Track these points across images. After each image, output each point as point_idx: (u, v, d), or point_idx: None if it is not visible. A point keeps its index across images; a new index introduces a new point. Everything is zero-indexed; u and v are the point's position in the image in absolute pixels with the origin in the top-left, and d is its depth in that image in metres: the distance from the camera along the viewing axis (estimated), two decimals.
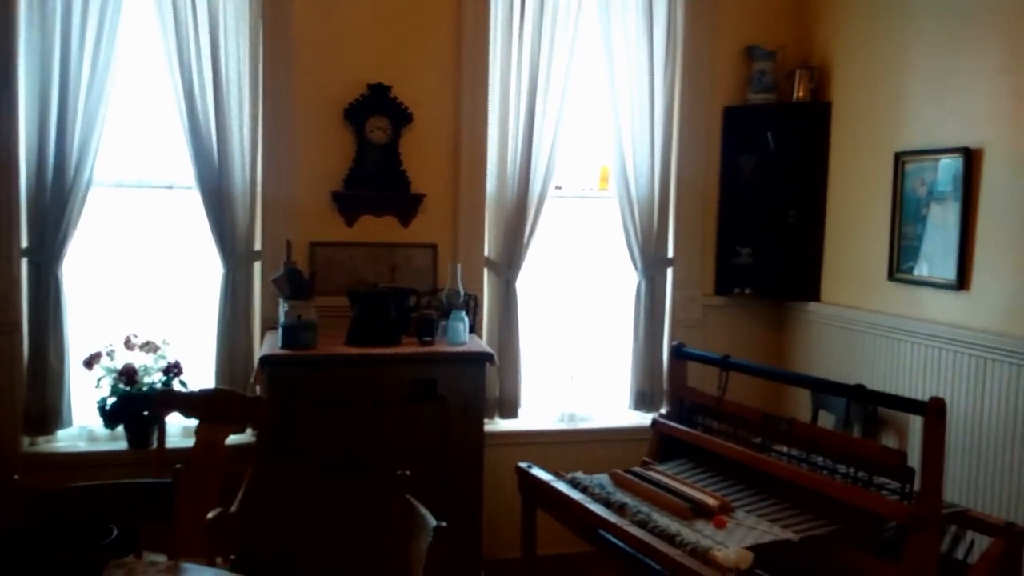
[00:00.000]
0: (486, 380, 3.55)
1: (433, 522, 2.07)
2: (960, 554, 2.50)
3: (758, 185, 4.26)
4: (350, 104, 3.81)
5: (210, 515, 2.77)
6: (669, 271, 4.26)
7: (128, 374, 3.61)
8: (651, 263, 4.16)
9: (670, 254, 4.25)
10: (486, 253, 4.03)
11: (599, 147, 4.23)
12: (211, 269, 3.75)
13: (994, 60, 3.17)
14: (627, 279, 4.22)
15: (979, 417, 3.17)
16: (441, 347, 3.50)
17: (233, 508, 2.94)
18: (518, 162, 3.95)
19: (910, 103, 3.59)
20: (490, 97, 3.95)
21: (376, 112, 3.82)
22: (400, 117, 3.85)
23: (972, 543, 2.51)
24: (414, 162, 3.90)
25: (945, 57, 3.40)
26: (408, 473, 2.27)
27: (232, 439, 3.24)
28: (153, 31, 3.59)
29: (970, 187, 3.25)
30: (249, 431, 3.56)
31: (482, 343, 3.78)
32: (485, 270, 4.04)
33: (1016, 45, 3.08)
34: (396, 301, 3.58)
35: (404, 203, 3.91)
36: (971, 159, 3.24)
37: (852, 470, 2.59)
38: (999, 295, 3.14)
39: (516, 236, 3.98)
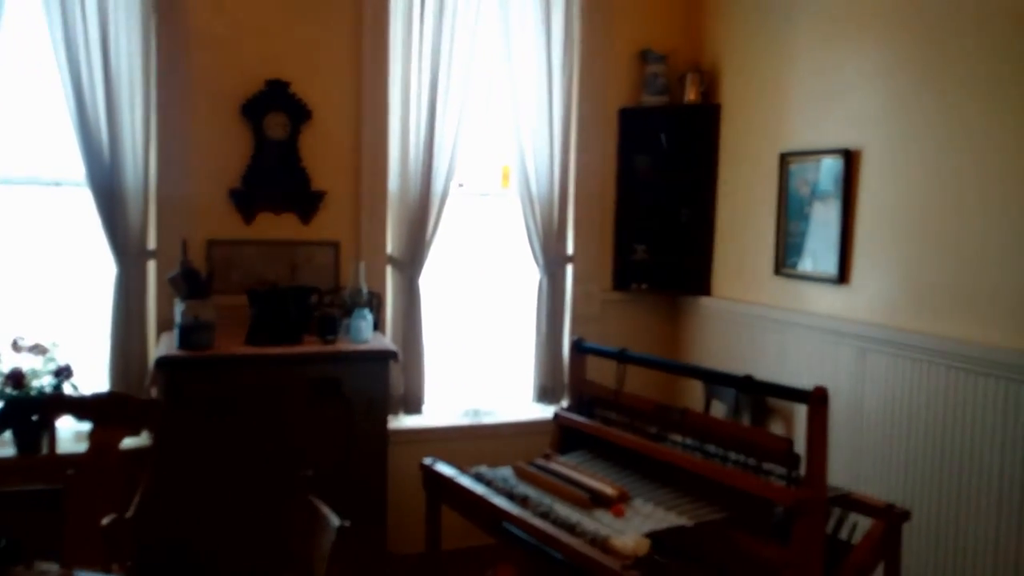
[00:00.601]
0: (390, 378, 3.56)
1: (336, 522, 2.08)
2: (844, 535, 2.64)
3: (652, 184, 4.40)
4: (247, 100, 3.75)
5: (105, 521, 2.69)
6: (569, 267, 4.35)
7: (15, 378, 3.46)
8: (552, 260, 4.24)
9: (570, 251, 4.34)
10: (389, 251, 4.03)
11: (501, 146, 4.28)
12: (103, 269, 3.63)
13: (871, 65, 3.36)
14: (529, 276, 4.29)
15: (860, 404, 3.37)
16: (344, 345, 3.49)
17: (129, 514, 2.87)
18: (420, 159, 3.97)
19: (794, 106, 3.77)
20: (391, 94, 3.95)
21: (274, 108, 3.77)
22: (299, 113, 3.81)
23: (855, 524, 2.65)
24: (314, 159, 3.87)
25: (826, 62, 3.59)
26: (311, 473, 2.27)
27: (128, 443, 3.15)
28: (40, 23, 3.44)
29: (850, 186, 3.44)
30: (145, 435, 3.47)
31: (386, 341, 3.78)
32: (388, 268, 4.04)
33: (890, 51, 3.28)
34: (297, 300, 3.55)
35: (304, 200, 3.87)
36: (850, 160, 3.43)
37: (742, 457, 2.71)
38: (877, 288, 3.33)
39: (419, 233, 3.99)
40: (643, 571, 2.29)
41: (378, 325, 3.86)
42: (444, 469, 3.02)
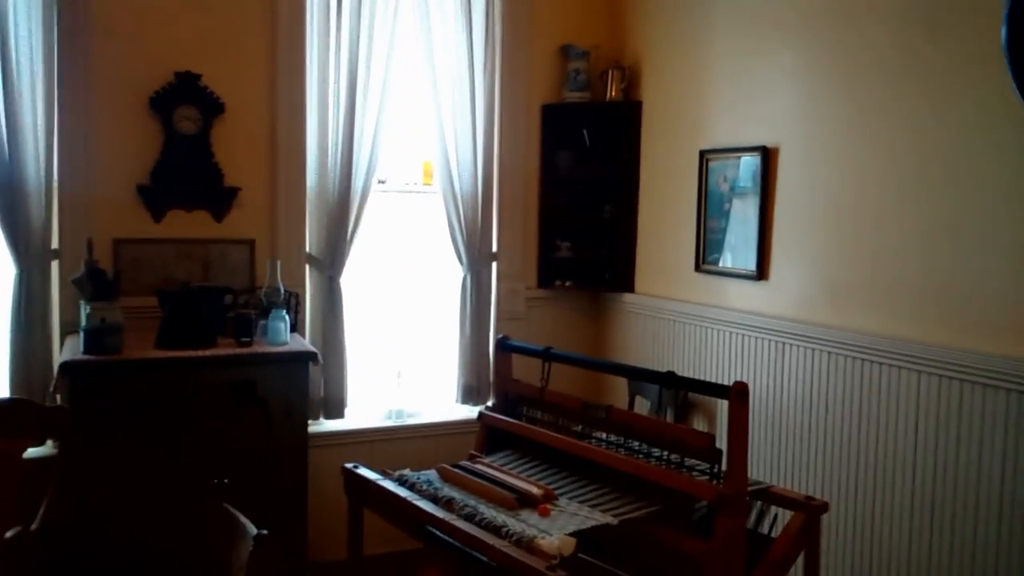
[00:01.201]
0: (309, 380, 3.46)
1: (254, 530, 2.00)
2: (765, 528, 2.68)
3: (576, 181, 4.40)
4: (156, 92, 3.60)
5: (8, 534, 2.56)
6: (494, 265, 4.32)
7: None
8: (476, 257, 4.20)
9: (494, 248, 4.30)
10: (308, 249, 3.93)
11: (422, 142, 4.22)
12: (2, 270, 3.44)
13: (786, 65, 3.42)
14: (453, 273, 4.24)
15: (778, 397, 3.42)
16: (260, 347, 3.38)
17: (34, 526, 2.73)
18: (339, 155, 3.88)
19: (713, 104, 3.81)
20: (308, 88, 3.85)
21: (185, 101, 3.64)
22: (211, 107, 3.68)
23: (776, 517, 2.69)
24: (228, 154, 3.74)
25: (743, 61, 3.64)
26: (227, 481, 2.18)
27: (31, 452, 2.99)
28: None
29: (767, 183, 3.50)
30: (50, 443, 3.30)
31: (305, 342, 3.69)
32: (307, 266, 3.93)
33: (804, 51, 3.34)
34: (210, 300, 3.42)
35: (217, 197, 3.74)
36: (768, 157, 3.49)
37: (666, 453, 2.72)
38: (794, 284, 3.39)
39: (339, 231, 3.90)
40: (569, 571, 2.27)
41: (296, 326, 3.76)
42: (366, 473, 2.96)
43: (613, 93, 4.29)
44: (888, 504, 2.98)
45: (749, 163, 3.58)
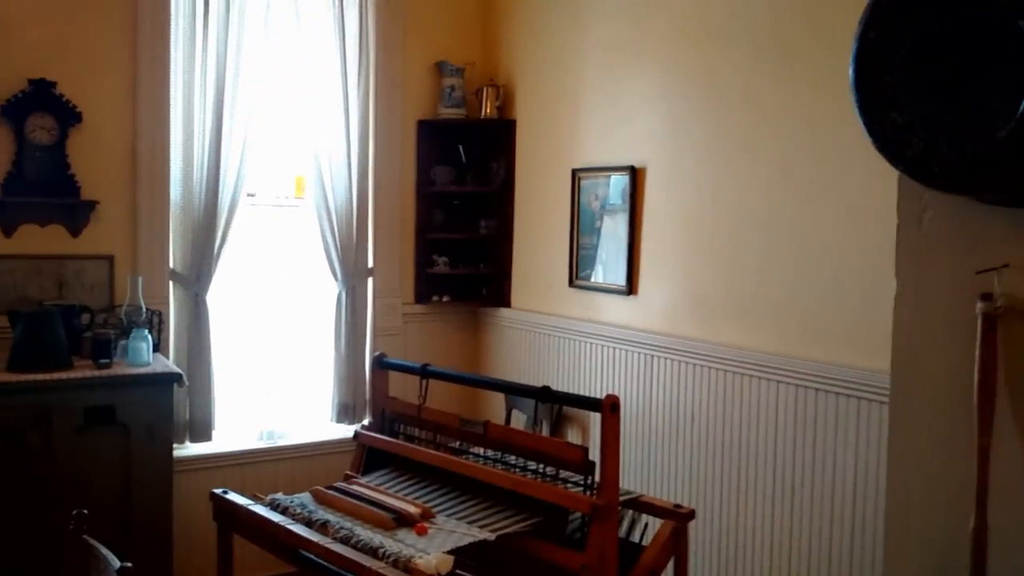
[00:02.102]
0: (174, 402, 3.33)
1: (116, 563, 1.90)
2: (637, 536, 2.76)
3: (453, 196, 4.42)
4: (8, 100, 3.40)
5: None
6: (370, 280, 4.27)
7: None
8: (351, 273, 4.15)
9: (370, 264, 4.26)
10: (171, 265, 3.78)
11: (294, 155, 4.14)
12: None
13: (652, 88, 3.55)
14: (327, 289, 4.17)
15: (648, 409, 3.53)
16: (120, 369, 3.23)
17: None
18: (206, 167, 3.75)
19: (584, 124, 3.91)
20: (172, 97, 3.71)
21: (39, 109, 3.44)
22: (67, 116, 3.50)
23: (646, 525, 2.77)
24: (85, 166, 3.56)
25: (613, 84, 3.75)
26: (85, 512, 2.07)
27: None
28: None
29: (635, 202, 3.61)
30: None
31: (168, 363, 3.54)
32: (171, 283, 3.78)
33: (668, 75, 3.47)
34: (66, 320, 3.24)
35: (73, 210, 3.55)
36: (636, 176, 3.60)
37: (542, 467, 2.76)
38: (661, 298, 3.52)
39: (205, 246, 3.78)
40: None
41: (160, 346, 3.61)
42: (236, 498, 2.86)
43: (488, 110, 4.34)
44: (751, 508, 3.11)
45: (619, 182, 3.69)
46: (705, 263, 3.31)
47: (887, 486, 1.33)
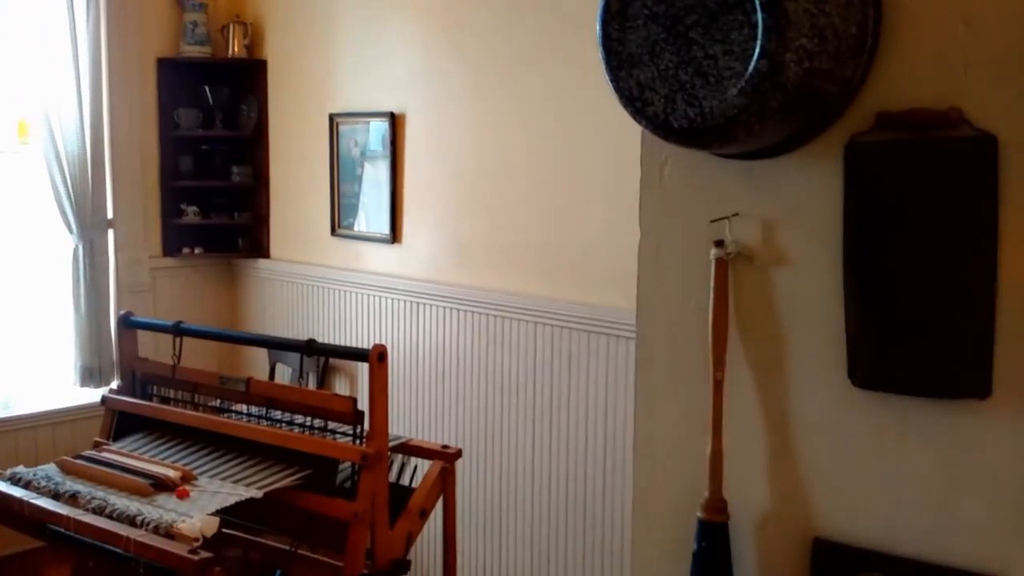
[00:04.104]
0: None
1: None
2: (407, 480, 2.81)
3: (201, 141, 4.17)
4: None
5: None
6: (110, 233, 3.95)
7: None
8: (88, 225, 3.82)
9: (109, 215, 3.94)
10: None
11: (14, 96, 3.71)
12: None
13: (410, 31, 3.52)
14: (62, 243, 3.82)
15: (415, 355, 3.58)
16: None
17: None
18: None
19: (341, 67, 3.82)
20: None
21: None
22: None
23: (415, 468, 2.84)
24: None
25: (368, 26, 3.68)
26: None
27: None
28: None
29: (396, 148, 3.60)
30: None
31: None
32: None
33: (426, 18, 3.46)
34: None
35: None
36: (395, 122, 3.58)
37: (309, 420, 2.73)
38: (425, 246, 3.55)
39: None
40: (213, 550, 2.21)
41: None
42: None
43: (235, 49, 4.11)
44: (515, 444, 3.27)
45: (378, 128, 3.65)
46: (466, 210, 3.38)
47: (635, 419, 1.45)
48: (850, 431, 1.25)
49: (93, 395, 3.67)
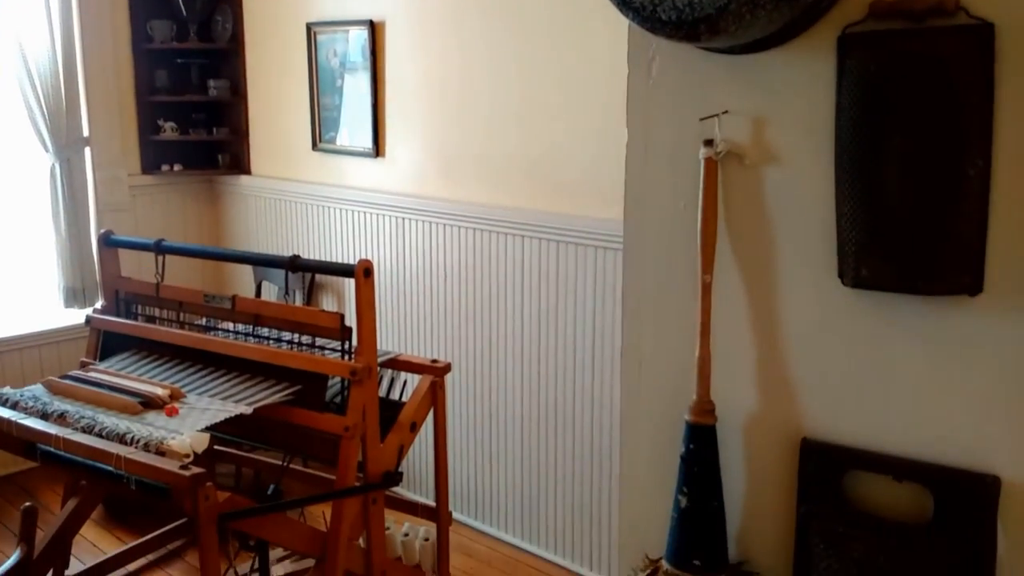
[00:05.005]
0: None
1: None
2: (397, 394, 2.82)
3: (175, 54, 4.04)
4: None
5: None
6: (87, 151, 3.86)
7: None
8: (64, 143, 3.73)
9: (85, 132, 3.84)
10: None
11: None
12: None
13: None
14: (39, 162, 3.73)
15: (402, 270, 3.55)
16: None
17: None
18: None
19: None
20: None
21: None
22: None
23: (405, 383, 2.84)
24: None
25: None
26: None
27: None
28: None
29: (376, 59, 3.49)
30: None
31: None
32: None
33: None
34: None
35: None
36: (375, 31, 3.47)
37: (297, 336, 2.72)
38: (409, 160, 3.48)
39: None
40: (205, 465, 2.21)
41: None
42: None
43: None
44: (502, 357, 3.28)
45: (358, 37, 3.54)
46: (452, 123, 3.30)
47: (622, 324, 1.43)
48: (839, 332, 1.24)
49: (78, 316, 3.64)
